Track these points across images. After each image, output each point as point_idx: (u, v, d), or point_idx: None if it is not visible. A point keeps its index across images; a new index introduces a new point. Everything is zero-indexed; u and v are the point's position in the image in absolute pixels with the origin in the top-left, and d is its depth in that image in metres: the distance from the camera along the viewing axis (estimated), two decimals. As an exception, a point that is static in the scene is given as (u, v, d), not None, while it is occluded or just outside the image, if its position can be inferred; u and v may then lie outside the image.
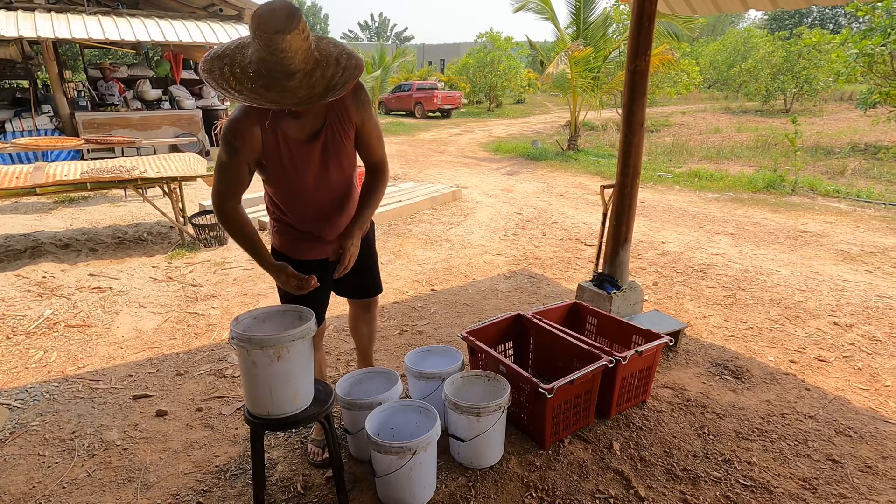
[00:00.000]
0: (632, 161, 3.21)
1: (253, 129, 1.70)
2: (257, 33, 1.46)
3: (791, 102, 19.37)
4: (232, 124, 1.71)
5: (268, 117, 1.71)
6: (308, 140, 1.79)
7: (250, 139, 1.71)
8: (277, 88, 1.50)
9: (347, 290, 2.30)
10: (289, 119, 1.75)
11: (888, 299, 3.88)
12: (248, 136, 1.71)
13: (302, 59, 1.51)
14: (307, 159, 1.81)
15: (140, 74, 10.54)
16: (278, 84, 1.50)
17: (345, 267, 1.87)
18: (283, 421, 1.77)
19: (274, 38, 1.43)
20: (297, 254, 2.05)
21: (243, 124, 1.70)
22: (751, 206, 6.90)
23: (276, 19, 1.43)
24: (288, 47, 1.45)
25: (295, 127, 1.76)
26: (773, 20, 36.46)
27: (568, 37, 11.90)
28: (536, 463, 2.22)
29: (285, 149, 1.77)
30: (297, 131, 1.77)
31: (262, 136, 1.73)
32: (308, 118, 1.77)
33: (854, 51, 10.46)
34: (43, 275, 4.29)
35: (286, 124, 1.75)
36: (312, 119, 1.78)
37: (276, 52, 1.46)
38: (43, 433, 2.44)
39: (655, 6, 3.06)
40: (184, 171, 5.03)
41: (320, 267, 2.07)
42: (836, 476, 2.15)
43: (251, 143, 1.72)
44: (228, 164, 1.73)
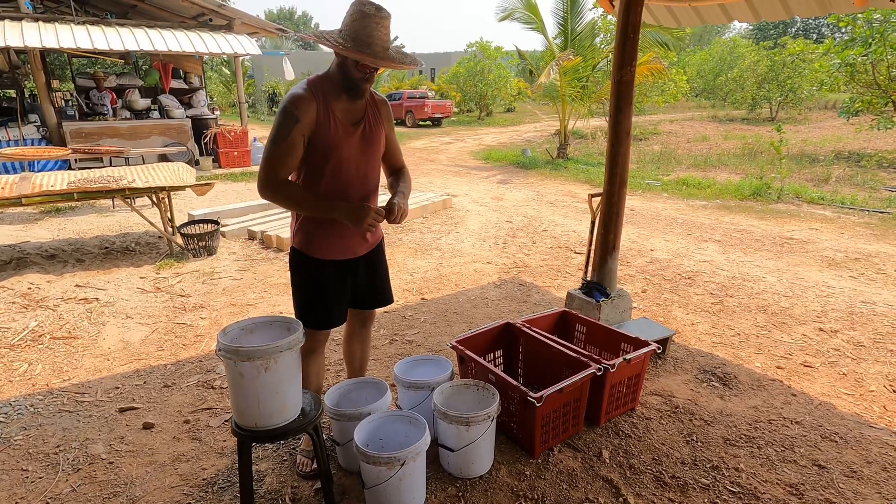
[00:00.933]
0: (619, 170, 3.24)
1: (311, 103, 1.91)
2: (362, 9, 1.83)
3: (776, 111, 19.68)
4: (293, 97, 1.91)
5: (322, 99, 1.94)
6: (351, 124, 2.02)
7: (309, 111, 1.91)
8: (367, 50, 1.84)
9: (363, 297, 2.31)
10: (338, 103, 1.98)
11: (872, 305, 3.93)
12: (308, 108, 1.90)
13: (380, 41, 1.87)
14: (348, 142, 2.01)
15: (129, 84, 10.49)
16: (368, 48, 1.84)
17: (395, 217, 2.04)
18: (271, 432, 1.76)
19: (380, 17, 1.84)
20: (315, 250, 2.08)
21: (304, 98, 1.91)
22: (738, 213, 6.99)
23: (379, 5, 1.85)
24: (378, 24, 1.85)
25: (343, 112, 1.99)
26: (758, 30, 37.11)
27: (556, 47, 12.03)
28: (526, 472, 2.22)
29: (333, 124, 1.96)
30: (343, 114, 2.00)
31: (317, 110, 1.92)
32: (355, 106, 2.03)
33: (836, 60, 10.67)
34: (28, 286, 4.24)
35: (336, 106, 1.97)
36: (357, 109, 2.04)
37: (368, 25, 1.83)
38: (26, 447, 2.40)
39: (640, 18, 3.11)
40: (173, 181, 5.00)
41: (341, 268, 2.14)
42: (822, 481, 2.17)
43: (309, 115, 1.91)
44: (286, 133, 1.89)
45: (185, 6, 10.29)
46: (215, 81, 23.95)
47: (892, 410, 2.68)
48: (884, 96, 10.42)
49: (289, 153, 1.92)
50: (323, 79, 1.97)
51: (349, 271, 2.16)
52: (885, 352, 3.26)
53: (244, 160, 10.43)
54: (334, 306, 2.15)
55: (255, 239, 5.67)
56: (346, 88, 1.96)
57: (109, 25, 9.21)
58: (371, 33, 1.83)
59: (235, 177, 9.55)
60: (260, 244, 5.52)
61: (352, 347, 2.48)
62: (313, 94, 1.92)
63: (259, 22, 11.07)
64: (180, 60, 10.86)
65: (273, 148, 1.90)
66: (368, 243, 2.20)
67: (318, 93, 1.94)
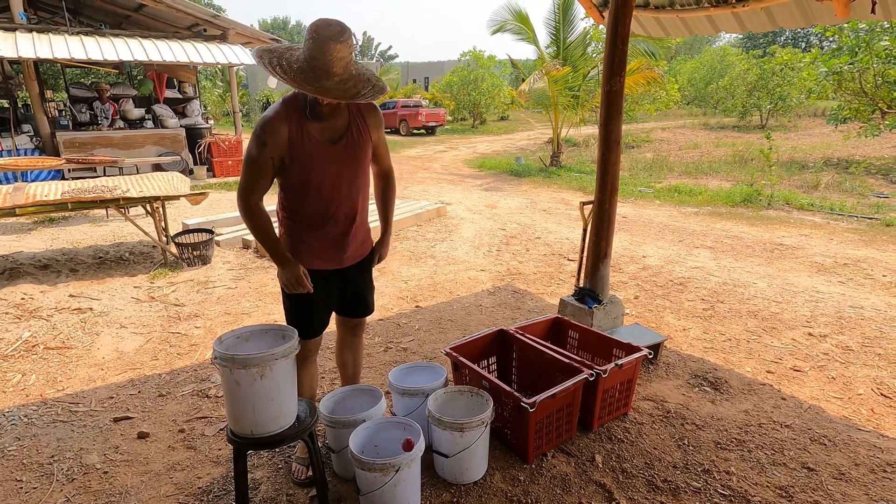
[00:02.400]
0: (609, 178, 3.29)
1: (282, 126, 1.90)
2: (314, 36, 1.72)
3: (767, 118, 19.91)
4: (263, 121, 1.91)
5: (296, 119, 1.92)
6: (329, 142, 1.99)
7: (279, 134, 1.90)
8: (317, 84, 1.76)
9: (345, 307, 2.33)
10: (314, 122, 1.95)
11: (860, 309, 3.99)
12: (277, 131, 1.90)
13: (342, 68, 1.77)
14: (326, 159, 1.99)
15: (123, 94, 10.51)
16: (319, 80, 1.75)
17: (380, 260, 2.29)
18: (266, 440, 1.78)
19: (328, 42, 1.72)
20: (302, 261, 2.09)
21: (274, 121, 1.90)
22: (729, 219, 7.06)
23: (331, 29, 1.72)
24: (335, 53, 1.73)
25: (319, 130, 1.96)
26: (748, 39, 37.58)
27: (548, 56, 12.16)
28: (520, 477, 2.24)
29: (308, 147, 1.95)
30: (320, 134, 1.97)
31: (289, 134, 1.91)
32: (332, 124, 1.99)
33: (823, 69, 10.84)
34: (21, 296, 4.23)
35: (311, 126, 1.95)
36: (335, 126, 2.00)
37: (324, 54, 1.72)
38: (20, 458, 2.40)
39: (629, 29, 3.17)
40: (167, 190, 5.02)
41: (327, 278, 2.15)
42: (811, 484, 2.20)
43: (279, 138, 1.90)
44: (256, 156, 1.92)
45: (180, 17, 10.34)
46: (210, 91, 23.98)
47: (879, 413, 2.72)
48: (871, 104, 10.59)
49: (260, 175, 1.95)
50: (298, 97, 1.94)
51: (334, 281, 2.17)
52: (873, 356, 3.31)
53: (238, 169, 10.44)
54: (314, 315, 2.16)
55: (250, 248, 5.68)
56: (315, 114, 1.94)
57: (103, 36, 9.24)
58: (327, 60, 1.73)
59: (230, 186, 9.56)
60: (254, 253, 5.53)
61: (343, 355, 2.50)
62: (286, 115, 1.90)
63: (253, 32, 11.14)
64: (174, 70, 10.89)
65: (245, 168, 1.95)
66: (354, 256, 2.20)
67: (292, 113, 1.91)
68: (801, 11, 3.33)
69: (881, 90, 10.24)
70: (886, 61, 9.75)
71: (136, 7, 10.39)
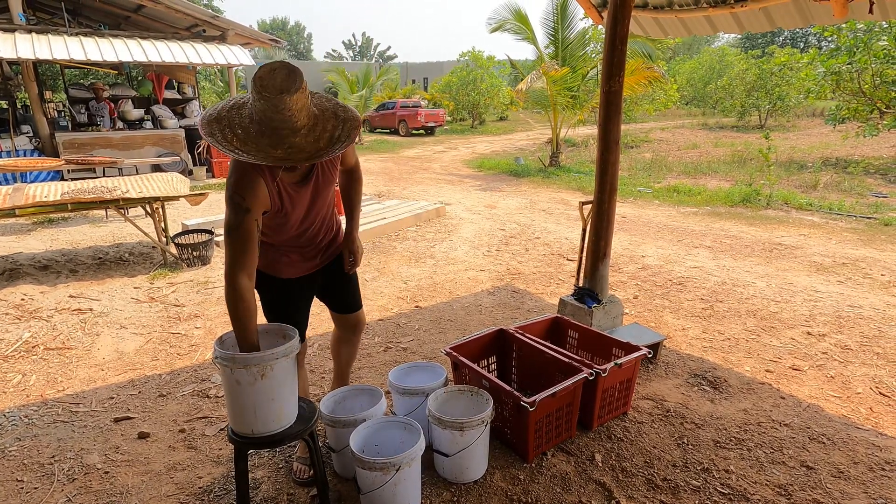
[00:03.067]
0: (608, 178, 3.30)
1: (258, 184, 1.72)
2: (262, 94, 1.49)
3: (765, 118, 19.94)
4: (238, 185, 1.70)
5: (267, 170, 1.73)
6: (300, 182, 1.88)
7: (259, 194, 1.73)
8: (285, 145, 1.55)
9: (334, 302, 2.35)
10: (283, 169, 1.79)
11: (859, 309, 4.00)
12: (256, 191, 1.72)
13: (305, 116, 1.57)
14: (301, 199, 1.90)
15: (122, 94, 10.51)
16: (285, 141, 1.55)
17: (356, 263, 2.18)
18: (267, 439, 1.78)
19: (280, 98, 1.48)
20: (281, 272, 2.10)
21: (249, 182, 1.70)
22: (728, 219, 7.07)
23: (279, 80, 1.49)
24: (293, 106, 1.51)
25: (290, 174, 1.83)
26: (747, 39, 37.61)
27: (547, 56, 12.16)
28: (520, 476, 2.25)
29: (285, 194, 1.83)
30: (290, 178, 1.84)
31: (268, 188, 1.75)
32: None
33: (822, 69, 10.86)
34: (21, 297, 4.23)
35: (282, 174, 1.79)
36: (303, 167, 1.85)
37: (282, 111, 1.50)
38: (21, 458, 2.40)
39: (628, 29, 3.18)
40: (166, 191, 5.02)
41: (303, 282, 2.16)
42: (810, 482, 2.21)
43: (260, 198, 1.73)
44: (238, 224, 1.70)
45: (179, 17, 10.35)
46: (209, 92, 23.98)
47: (878, 412, 2.73)
48: (869, 104, 10.61)
49: (248, 242, 1.72)
50: None
51: (307, 284, 2.18)
52: (872, 355, 3.32)
53: (238, 170, 10.42)
54: (297, 316, 2.17)
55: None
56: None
57: (103, 37, 9.24)
58: (273, 117, 1.51)
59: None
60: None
61: (339, 349, 2.50)
62: (258, 172, 1.71)
63: (252, 33, 11.14)
64: (174, 71, 10.89)
65: (229, 241, 1.72)
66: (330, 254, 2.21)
67: (264, 167, 1.71)
68: (800, 12, 3.34)
69: (879, 90, 10.27)
70: (884, 61, 9.78)
71: (135, 8, 10.39)
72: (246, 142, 1.55)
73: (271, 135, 1.54)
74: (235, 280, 1.71)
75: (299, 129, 1.56)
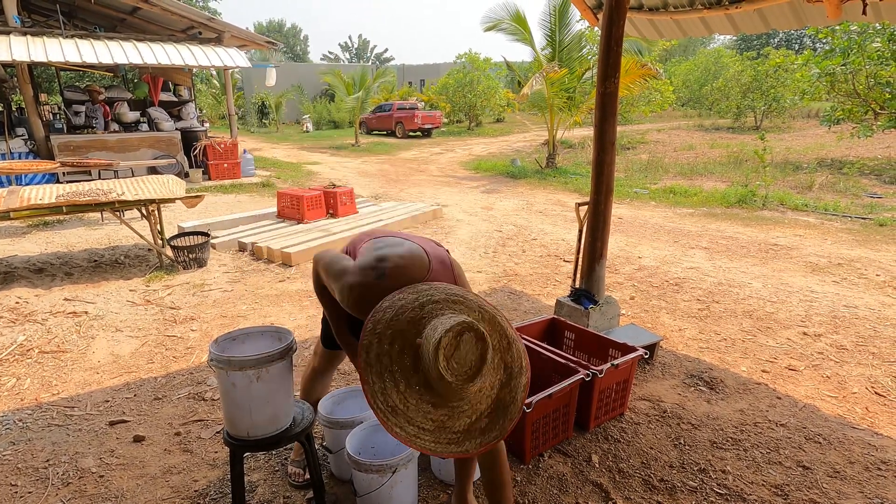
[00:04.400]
0: (605, 179, 3.30)
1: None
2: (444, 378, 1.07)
3: (761, 120, 20.01)
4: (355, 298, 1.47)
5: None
6: None
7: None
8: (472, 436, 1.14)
9: None
10: None
11: (854, 309, 4.01)
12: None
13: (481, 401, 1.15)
14: None
15: (118, 97, 10.48)
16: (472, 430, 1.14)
17: None
18: (262, 442, 1.78)
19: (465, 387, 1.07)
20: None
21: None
22: (724, 220, 7.09)
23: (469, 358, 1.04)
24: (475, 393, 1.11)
25: None
26: (742, 41, 37.77)
27: (544, 58, 12.17)
28: (517, 478, 2.24)
29: None
30: None
31: None
32: None
33: (816, 70, 10.91)
34: (16, 300, 4.21)
35: None
36: None
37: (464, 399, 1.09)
38: (15, 462, 2.38)
39: (623, 31, 3.19)
40: (162, 193, 5.00)
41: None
42: (806, 482, 2.21)
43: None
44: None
45: (175, 19, 10.32)
46: (205, 94, 23.94)
47: (873, 412, 2.74)
48: (863, 105, 10.65)
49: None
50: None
51: None
52: (867, 354, 3.33)
53: (234, 172, 10.42)
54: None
55: (246, 250, 5.67)
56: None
57: (98, 39, 9.21)
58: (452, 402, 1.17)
59: (225, 189, 9.54)
60: (250, 255, 5.52)
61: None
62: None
63: (248, 35, 11.13)
64: (170, 73, 10.87)
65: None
66: None
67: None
68: (794, 13, 3.35)
69: (873, 91, 10.31)
70: (878, 62, 9.82)
71: (131, 10, 10.37)
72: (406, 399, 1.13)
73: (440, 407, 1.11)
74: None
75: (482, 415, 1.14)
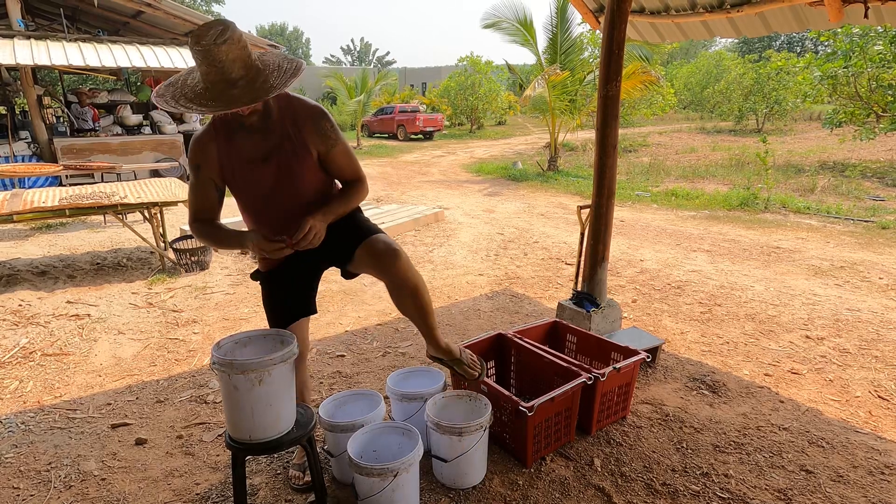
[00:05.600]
0: (606, 182, 3.30)
1: (210, 144, 1.80)
2: (195, 48, 1.53)
3: (762, 122, 20.01)
4: (194, 140, 1.81)
5: (223, 135, 1.79)
6: (261, 160, 1.81)
7: (209, 154, 1.80)
8: (224, 99, 1.56)
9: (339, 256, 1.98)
10: (241, 139, 1.79)
11: (857, 312, 4.00)
12: (207, 151, 1.80)
13: (241, 67, 1.58)
14: (257, 180, 1.83)
15: (120, 100, 10.52)
16: (223, 95, 1.57)
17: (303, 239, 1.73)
18: (264, 445, 1.78)
19: (210, 49, 1.52)
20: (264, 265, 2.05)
21: (201, 141, 1.80)
22: (726, 223, 7.08)
23: (210, 33, 1.52)
24: (225, 57, 1.54)
25: (248, 147, 1.80)
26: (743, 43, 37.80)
27: (545, 61, 12.19)
28: (519, 482, 2.24)
29: (235, 168, 1.82)
30: (250, 151, 1.80)
31: (217, 153, 1.80)
32: (261, 139, 1.78)
33: (818, 73, 10.91)
34: (19, 303, 4.22)
35: (240, 144, 1.79)
36: (265, 142, 1.79)
37: (214, 63, 1.54)
38: (18, 465, 2.39)
39: (625, 34, 3.20)
40: (164, 196, 5.02)
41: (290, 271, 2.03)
42: (809, 486, 2.20)
43: (210, 158, 1.81)
44: (194, 181, 1.85)
45: (178, 23, 10.37)
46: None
47: (877, 415, 2.73)
48: (865, 108, 10.65)
49: (203, 199, 1.86)
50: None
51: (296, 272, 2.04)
52: (870, 358, 3.32)
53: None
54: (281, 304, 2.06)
55: (248, 253, 5.69)
56: (246, 127, 1.76)
57: (101, 43, 9.26)
58: (221, 68, 1.55)
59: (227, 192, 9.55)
60: (252, 258, 5.53)
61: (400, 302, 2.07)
62: (214, 132, 1.78)
63: (250, 38, 11.16)
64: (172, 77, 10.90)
65: (188, 193, 1.90)
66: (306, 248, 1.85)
67: (220, 130, 1.78)
68: (796, 16, 3.36)
69: (875, 94, 10.31)
70: (880, 65, 9.83)
71: (134, 14, 10.42)
72: (192, 100, 1.59)
73: (211, 89, 1.58)
74: (193, 225, 1.90)
75: (236, 80, 1.57)
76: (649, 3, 3.90)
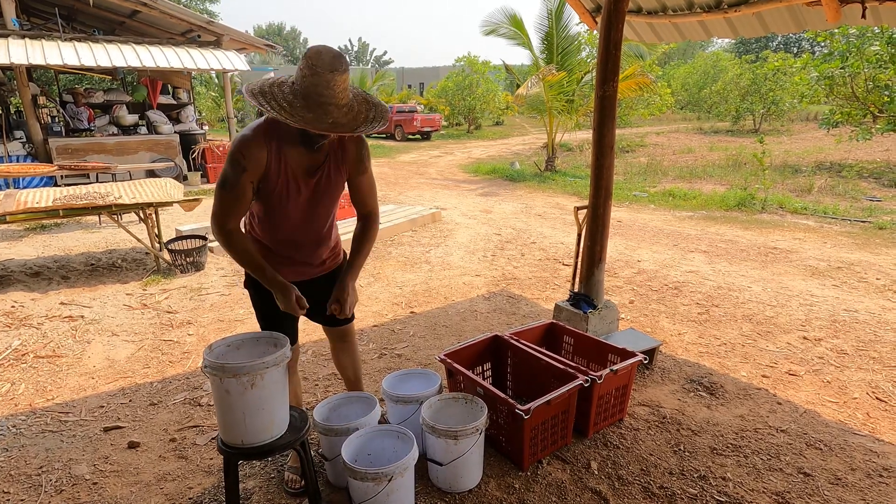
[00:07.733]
0: (604, 182, 3.29)
1: (261, 150, 1.80)
2: (315, 70, 1.61)
3: (759, 123, 20.05)
4: (242, 142, 1.79)
5: (276, 144, 1.81)
6: (305, 174, 1.90)
7: (258, 159, 1.80)
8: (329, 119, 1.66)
9: (319, 316, 2.23)
10: (293, 150, 1.84)
11: (854, 313, 3.99)
12: (257, 156, 1.79)
13: (345, 97, 1.70)
14: (300, 190, 1.91)
15: (116, 100, 10.47)
16: (330, 115, 1.66)
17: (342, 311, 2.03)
18: (257, 449, 1.75)
19: (331, 75, 1.62)
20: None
21: (253, 145, 1.79)
22: (723, 223, 7.08)
23: (332, 60, 1.63)
24: (339, 84, 1.65)
25: (297, 159, 1.86)
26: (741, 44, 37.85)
27: (542, 61, 12.19)
28: (515, 485, 2.22)
29: (284, 175, 1.86)
30: (297, 163, 1.87)
31: (268, 160, 1.82)
32: (312, 155, 1.88)
33: (815, 74, 10.93)
34: (12, 304, 4.19)
35: (290, 154, 1.84)
36: (313, 155, 1.89)
37: (330, 87, 1.64)
38: (8, 469, 2.36)
39: (622, 34, 3.18)
40: (160, 197, 4.98)
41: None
42: (807, 489, 2.19)
43: (258, 163, 1.80)
44: (234, 181, 1.80)
45: (174, 23, 10.32)
46: (204, 97, 23.93)
47: (875, 417, 2.72)
48: (862, 108, 10.66)
49: (237, 200, 1.83)
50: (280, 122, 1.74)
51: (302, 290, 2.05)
52: (868, 359, 3.31)
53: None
54: (282, 324, 2.10)
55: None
56: (303, 141, 1.82)
57: (97, 42, 9.20)
58: (322, 92, 1.63)
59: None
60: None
61: (339, 360, 2.46)
62: (266, 140, 1.80)
63: (247, 38, 11.12)
64: (168, 76, 10.86)
65: (222, 193, 1.82)
66: (323, 268, 2.16)
67: (273, 139, 1.81)
68: (793, 16, 3.35)
69: (872, 94, 10.32)
70: (877, 66, 9.83)
71: (130, 13, 10.36)
72: (292, 113, 1.64)
73: (317, 109, 1.65)
74: (223, 226, 1.83)
75: (342, 106, 1.68)
76: (646, 3, 3.89)
